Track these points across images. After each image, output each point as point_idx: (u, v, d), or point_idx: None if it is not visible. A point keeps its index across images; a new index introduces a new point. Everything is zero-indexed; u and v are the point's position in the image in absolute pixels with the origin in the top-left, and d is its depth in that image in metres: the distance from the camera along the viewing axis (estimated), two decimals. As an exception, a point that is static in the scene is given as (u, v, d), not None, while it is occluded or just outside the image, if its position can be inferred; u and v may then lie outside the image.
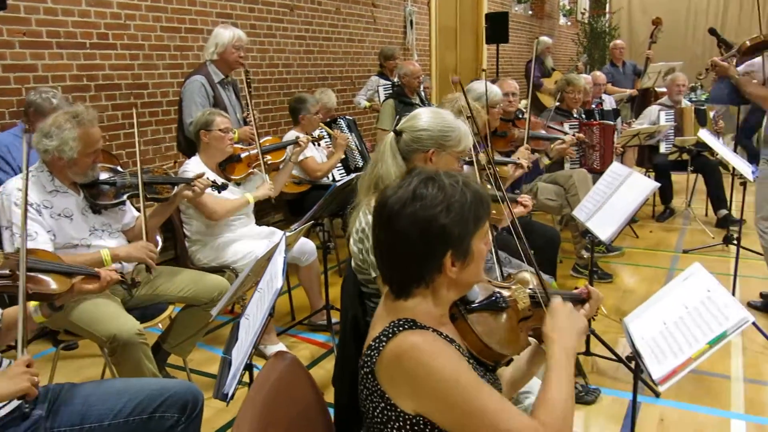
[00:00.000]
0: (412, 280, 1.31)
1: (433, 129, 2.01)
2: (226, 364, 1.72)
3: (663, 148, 5.95)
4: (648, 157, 6.27)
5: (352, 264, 2.04)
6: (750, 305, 3.88)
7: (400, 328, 1.26)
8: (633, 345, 2.08)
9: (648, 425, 2.76)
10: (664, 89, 7.26)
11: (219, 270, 3.28)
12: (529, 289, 1.51)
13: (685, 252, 5.08)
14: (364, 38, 6.91)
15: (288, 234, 2.20)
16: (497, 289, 1.46)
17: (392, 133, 2.04)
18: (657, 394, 2.94)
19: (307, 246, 3.56)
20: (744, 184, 3.57)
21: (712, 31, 4.18)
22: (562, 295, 1.60)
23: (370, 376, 1.28)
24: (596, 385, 2.98)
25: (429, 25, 8.20)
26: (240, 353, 1.68)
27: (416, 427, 1.25)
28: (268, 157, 3.61)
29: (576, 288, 1.73)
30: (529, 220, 3.86)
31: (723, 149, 3.57)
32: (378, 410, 1.28)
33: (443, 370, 1.20)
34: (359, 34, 6.82)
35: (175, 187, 2.80)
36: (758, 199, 3.71)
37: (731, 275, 3.87)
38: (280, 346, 3.32)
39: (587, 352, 3.21)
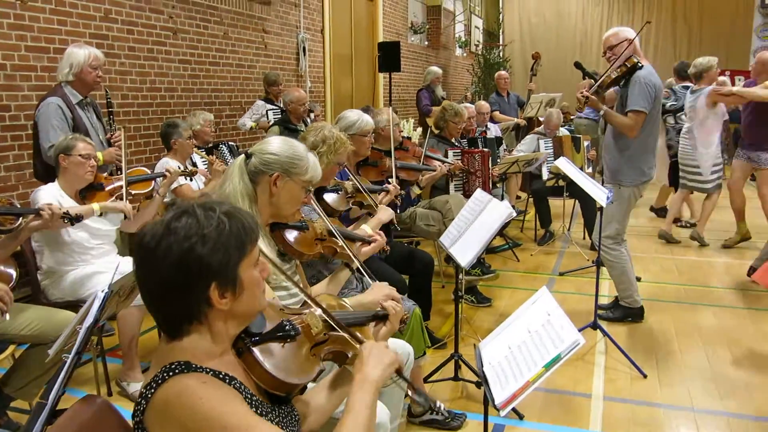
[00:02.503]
0: (181, 318, 1.25)
1: (281, 155, 2.03)
2: (39, 409, 1.60)
3: (545, 174, 6.22)
4: (529, 184, 6.53)
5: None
6: (601, 317, 4.09)
7: (171, 373, 1.20)
8: (482, 370, 2.11)
9: (510, 448, 2.81)
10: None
11: (75, 305, 3.09)
12: (322, 312, 1.49)
13: (560, 274, 5.29)
14: (255, 64, 6.84)
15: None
16: (288, 316, 1.44)
17: (243, 155, 2.04)
18: (520, 417, 3.00)
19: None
20: (601, 209, 3.75)
21: (577, 65, 4.43)
22: (361, 316, 1.61)
23: (139, 426, 1.21)
24: (463, 410, 3.01)
25: (323, 52, 8.24)
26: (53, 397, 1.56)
27: None
28: (135, 187, 3.47)
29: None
30: (405, 247, 3.89)
31: (578, 176, 3.75)
32: None
33: (211, 413, 1.15)
34: (249, 59, 6.75)
35: (20, 218, 2.63)
36: (604, 220, 3.92)
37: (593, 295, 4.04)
38: (144, 383, 3.15)
39: (455, 377, 3.24)
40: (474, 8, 13.93)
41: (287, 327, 1.39)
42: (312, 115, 6.29)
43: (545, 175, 6.19)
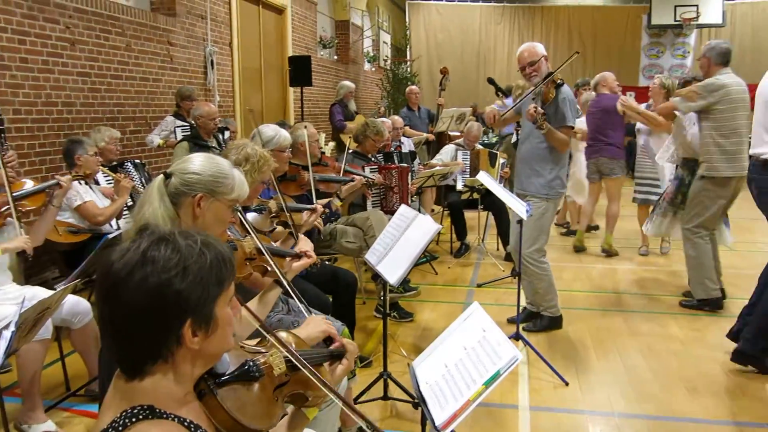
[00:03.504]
0: (146, 356, 1.12)
1: (205, 174, 1.91)
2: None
3: (459, 185, 6.32)
4: (444, 197, 6.62)
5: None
6: (524, 329, 4.20)
7: (134, 419, 1.07)
8: (418, 390, 2.06)
9: (443, 465, 2.78)
10: (457, 133, 7.78)
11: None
12: (285, 352, 1.40)
13: (479, 286, 5.36)
14: (160, 77, 6.56)
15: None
16: (251, 357, 1.34)
17: (161, 175, 1.89)
18: (451, 433, 2.97)
19: (80, 306, 3.18)
20: (520, 221, 3.83)
21: (490, 81, 4.53)
22: (318, 354, 1.54)
23: None
24: (395, 430, 2.96)
25: (231, 66, 8.03)
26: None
27: None
28: (25, 202, 3.19)
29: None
30: (327, 266, 3.81)
31: (498, 190, 3.82)
32: None
33: None
34: (154, 72, 6.46)
35: None
36: (531, 233, 4.02)
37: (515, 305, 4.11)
38: (49, 425, 2.90)
39: (385, 397, 3.19)
40: (382, 24, 14.09)
41: (251, 368, 1.28)
42: (227, 133, 6.10)
43: (459, 186, 6.30)
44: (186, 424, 1.12)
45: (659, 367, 3.74)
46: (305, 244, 2.85)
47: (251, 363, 1.29)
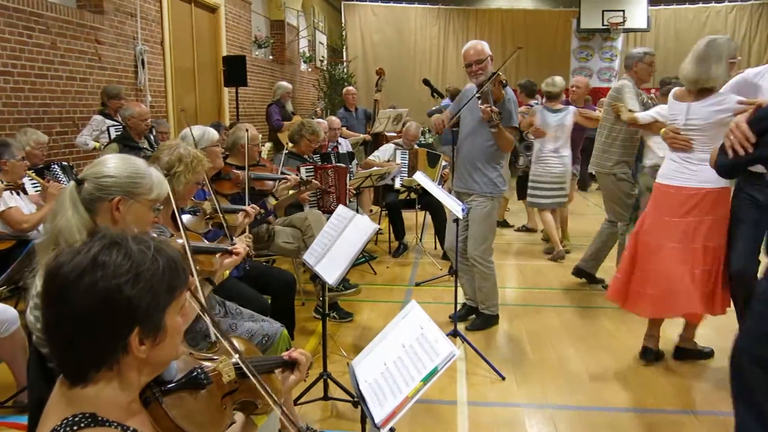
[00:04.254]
0: (90, 363, 1.10)
1: (120, 176, 1.84)
2: None
3: (397, 185, 6.36)
4: (382, 197, 6.65)
5: (33, 338, 1.74)
6: (467, 329, 4.27)
7: (75, 427, 1.05)
8: (358, 389, 2.07)
9: (383, 463, 2.79)
10: (393, 134, 7.84)
11: None
12: (235, 359, 1.38)
13: (417, 284, 5.42)
14: (88, 77, 6.34)
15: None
16: (199, 363, 1.32)
17: (72, 182, 1.81)
18: (392, 430, 3.00)
19: (6, 313, 3.04)
20: (456, 220, 3.89)
21: (426, 82, 4.58)
22: (271, 363, 1.53)
23: None
24: (335, 430, 2.96)
25: (163, 65, 7.84)
26: None
27: None
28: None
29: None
30: (265, 267, 3.78)
31: (435, 190, 3.88)
32: None
33: None
34: (82, 72, 6.24)
35: None
36: (480, 233, 4.10)
37: (452, 303, 4.18)
38: (-28, 438, 2.76)
39: (325, 397, 3.18)
40: (317, 24, 14.03)
41: (199, 375, 1.26)
42: (155, 132, 5.94)
43: (397, 185, 6.34)
44: (130, 431, 1.10)
45: (591, 359, 3.87)
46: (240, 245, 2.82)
47: (199, 370, 1.27)
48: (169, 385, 1.22)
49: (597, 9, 13.80)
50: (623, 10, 13.73)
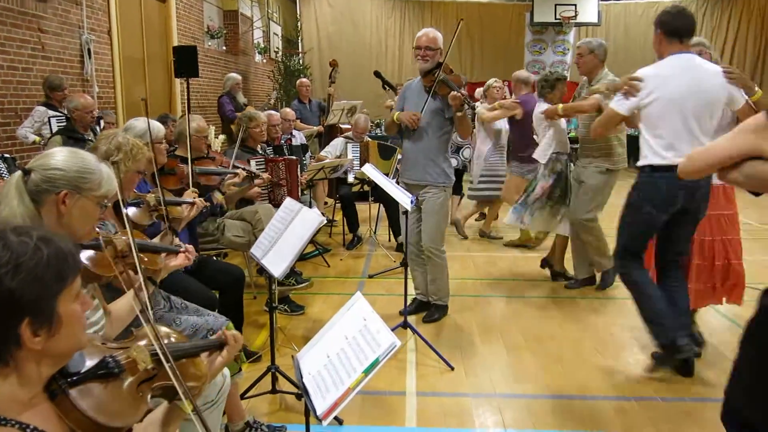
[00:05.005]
0: None
1: (69, 170, 1.80)
2: None
3: (350, 178, 6.36)
4: (336, 189, 6.64)
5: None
6: (424, 321, 4.33)
7: None
8: (301, 381, 2.08)
9: (331, 455, 2.81)
10: (347, 125, 7.82)
11: None
12: (153, 346, 1.37)
13: (370, 276, 5.44)
14: (31, 66, 6.14)
15: None
16: (111, 353, 1.30)
17: (19, 172, 1.78)
18: (340, 422, 3.01)
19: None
20: (405, 213, 3.91)
21: (377, 74, 4.57)
22: (194, 347, 1.51)
23: None
24: (283, 423, 2.96)
25: (111, 55, 7.64)
26: None
27: None
28: None
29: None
30: (214, 261, 3.74)
31: (384, 182, 3.89)
32: None
33: None
34: (24, 61, 6.03)
35: None
36: (433, 225, 4.14)
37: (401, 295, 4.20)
38: None
39: (273, 390, 3.18)
40: (272, 15, 13.86)
41: (110, 364, 1.24)
42: (102, 123, 5.80)
43: (350, 178, 6.34)
44: (29, 430, 1.08)
45: (538, 348, 3.95)
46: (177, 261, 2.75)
47: (110, 359, 1.26)
48: (77, 377, 1.20)
49: (549, 3, 14.00)
50: (575, 5, 13.95)
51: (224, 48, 11.56)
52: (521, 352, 3.91)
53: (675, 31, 3.26)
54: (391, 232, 6.52)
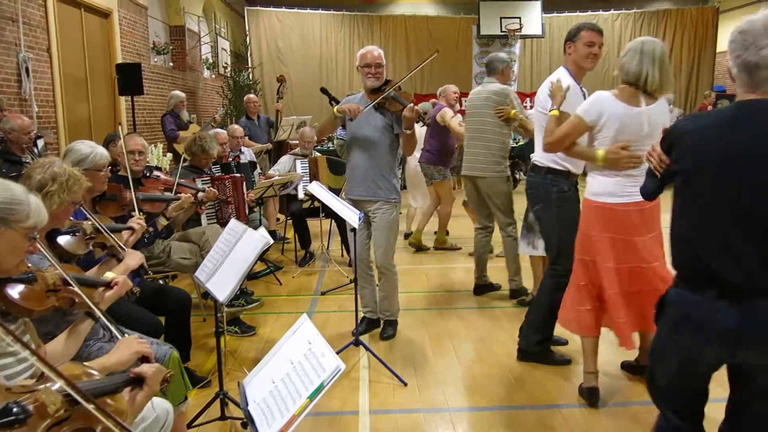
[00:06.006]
0: None
1: None
2: None
3: (301, 194, 6.32)
4: (287, 206, 6.59)
5: None
6: (382, 338, 4.29)
7: None
8: (246, 409, 2.04)
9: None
10: (297, 141, 7.77)
11: None
12: (63, 384, 1.30)
13: (323, 294, 5.40)
14: (-35, 86, 5.93)
15: None
16: (17, 396, 1.24)
17: None
18: (291, 446, 2.96)
19: None
20: (353, 230, 3.90)
21: (323, 90, 4.52)
22: (111, 384, 1.47)
23: None
24: (232, 450, 2.90)
25: (51, 73, 7.43)
26: None
27: None
28: None
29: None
30: (158, 285, 3.65)
31: (330, 199, 3.87)
32: None
33: None
34: (-43, 81, 5.83)
35: None
36: (386, 241, 4.13)
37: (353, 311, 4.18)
38: None
39: (222, 417, 3.11)
40: (219, 30, 13.73)
41: (14, 410, 1.18)
42: (41, 143, 5.62)
43: (300, 195, 6.30)
44: None
45: (491, 360, 3.98)
46: (133, 259, 2.71)
47: (15, 404, 1.19)
48: None
49: (495, 16, 14.24)
50: (519, 18, 14.23)
51: (171, 64, 11.40)
52: (474, 364, 3.93)
53: None
54: (343, 248, 6.50)
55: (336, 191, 4.72)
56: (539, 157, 3.78)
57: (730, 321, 1.90)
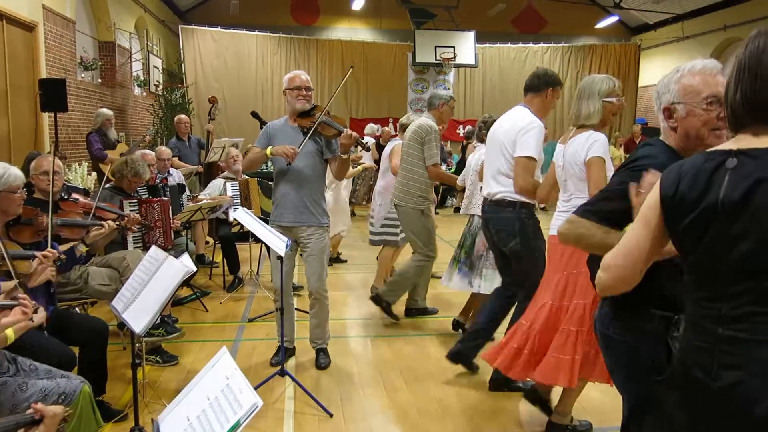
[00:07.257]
0: None
1: None
2: None
3: (231, 217, 6.18)
4: (216, 230, 6.45)
5: None
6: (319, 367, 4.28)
7: None
8: (159, 449, 1.96)
9: None
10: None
11: None
12: None
13: (250, 320, 5.28)
14: None
15: None
16: None
17: None
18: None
19: None
20: (280, 258, 3.82)
21: (254, 114, 4.49)
22: (5, 424, 1.39)
23: None
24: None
25: (-32, 87, 7.09)
26: None
27: None
28: None
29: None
30: (71, 314, 3.49)
31: (256, 226, 3.81)
32: None
33: None
34: None
35: None
36: (319, 266, 4.11)
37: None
38: None
39: (138, 453, 2.98)
40: (152, 48, 13.44)
41: None
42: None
43: (231, 218, 6.16)
44: None
45: (418, 389, 3.97)
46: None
47: None
48: None
49: (430, 44, 14.55)
50: (453, 47, 14.59)
51: (100, 80, 11.06)
52: (401, 394, 3.91)
53: None
54: (273, 273, 6.39)
55: (269, 215, 4.59)
56: (506, 192, 3.71)
57: None
